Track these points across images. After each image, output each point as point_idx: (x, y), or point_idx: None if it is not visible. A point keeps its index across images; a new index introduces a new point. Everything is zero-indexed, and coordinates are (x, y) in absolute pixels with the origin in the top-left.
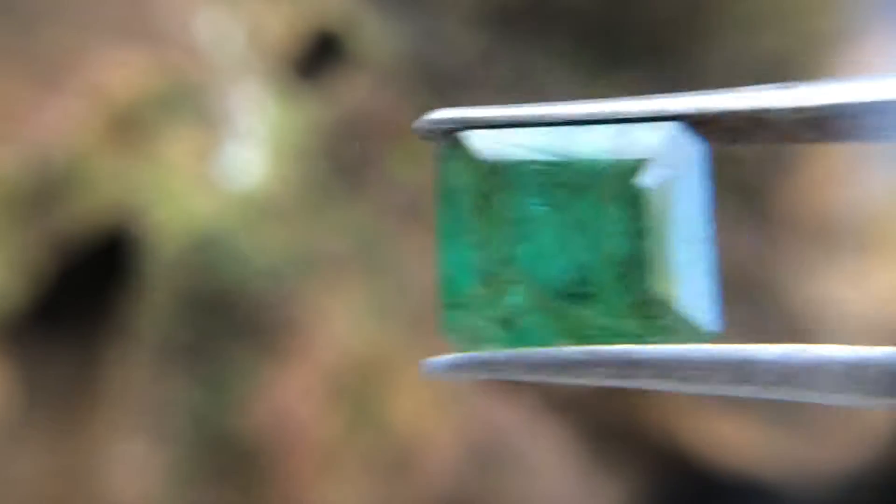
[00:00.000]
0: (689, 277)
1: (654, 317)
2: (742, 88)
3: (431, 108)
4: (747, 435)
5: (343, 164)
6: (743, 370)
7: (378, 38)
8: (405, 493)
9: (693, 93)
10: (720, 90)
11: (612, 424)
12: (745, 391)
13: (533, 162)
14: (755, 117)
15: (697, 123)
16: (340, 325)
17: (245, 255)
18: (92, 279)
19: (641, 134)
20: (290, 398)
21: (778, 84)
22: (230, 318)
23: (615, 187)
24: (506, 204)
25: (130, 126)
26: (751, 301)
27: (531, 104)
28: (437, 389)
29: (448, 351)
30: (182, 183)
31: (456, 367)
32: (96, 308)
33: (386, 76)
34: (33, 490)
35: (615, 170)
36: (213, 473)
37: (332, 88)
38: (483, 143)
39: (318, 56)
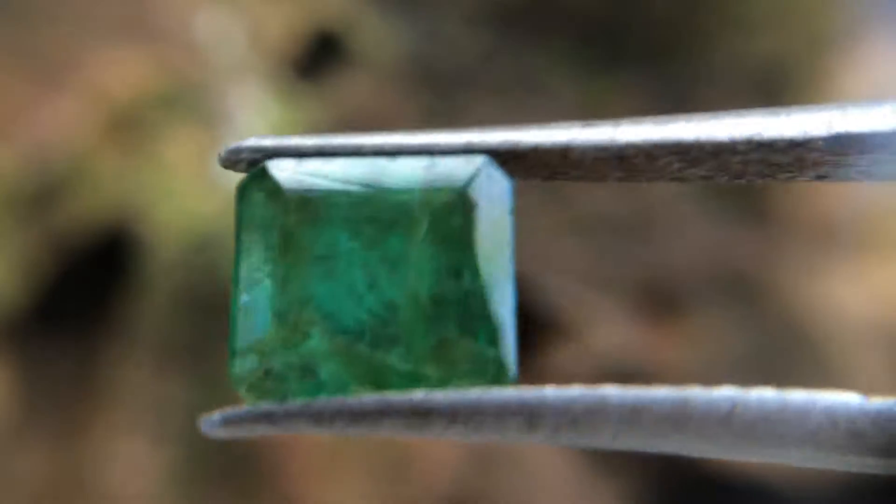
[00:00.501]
0: (491, 318)
1: (455, 360)
2: (551, 125)
3: (432, 108)
4: None
5: None
6: (534, 415)
7: (378, 39)
8: (405, 493)
9: (501, 128)
10: (528, 126)
11: None
12: (537, 437)
13: (341, 194)
14: (561, 154)
15: (507, 159)
16: None
17: None
18: (92, 279)
19: (451, 168)
20: None
21: (585, 122)
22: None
23: (424, 223)
24: (311, 239)
25: (130, 126)
26: (751, 301)
27: (340, 135)
28: None
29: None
30: (182, 183)
31: (233, 421)
32: (96, 308)
33: (386, 76)
34: (34, 489)
35: (425, 205)
36: (213, 473)
37: (332, 88)
38: (288, 175)
39: (318, 56)
